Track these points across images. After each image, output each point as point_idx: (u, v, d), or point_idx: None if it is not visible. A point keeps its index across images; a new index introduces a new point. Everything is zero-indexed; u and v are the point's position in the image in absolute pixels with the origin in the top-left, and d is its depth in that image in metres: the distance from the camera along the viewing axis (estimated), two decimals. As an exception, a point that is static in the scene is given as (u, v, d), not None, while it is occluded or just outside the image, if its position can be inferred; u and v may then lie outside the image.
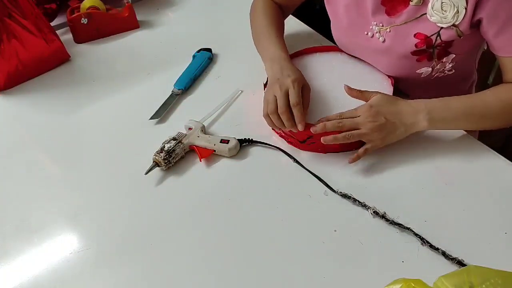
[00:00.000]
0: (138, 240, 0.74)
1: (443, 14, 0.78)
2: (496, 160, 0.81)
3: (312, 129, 0.78)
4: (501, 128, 0.82)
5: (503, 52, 0.79)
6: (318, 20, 1.09)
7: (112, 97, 1.01)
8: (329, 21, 0.99)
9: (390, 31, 0.85)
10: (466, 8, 0.75)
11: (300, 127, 0.78)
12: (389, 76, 0.91)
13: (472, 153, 0.82)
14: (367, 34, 0.89)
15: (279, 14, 1.01)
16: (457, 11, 0.76)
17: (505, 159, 0.81)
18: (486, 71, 1.32)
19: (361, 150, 0.79)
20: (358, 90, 0.82)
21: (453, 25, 0.78)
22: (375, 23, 0.87)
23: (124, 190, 0.81)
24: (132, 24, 1.20)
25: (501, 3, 0.73)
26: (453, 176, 0.78)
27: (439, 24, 0.79)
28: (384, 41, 0.87)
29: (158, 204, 0.79)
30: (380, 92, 0.81)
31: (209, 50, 1.09)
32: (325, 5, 0.95)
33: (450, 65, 0.85)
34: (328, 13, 0.95)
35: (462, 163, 0.80)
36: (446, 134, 0.85)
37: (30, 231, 0.76)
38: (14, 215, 0.79)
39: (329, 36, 1.07)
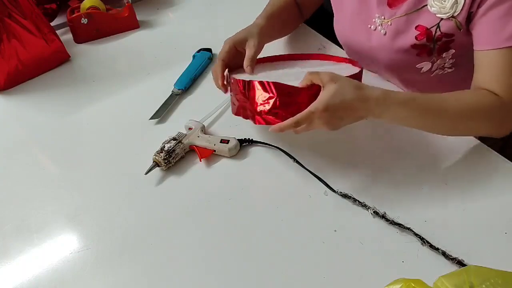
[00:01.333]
0: (138, 240, 0.74)
1: (442, 4, 0.78)
2: (496, 160, 0.81)
3: (270, 129, 0.74)
4: (457, 136, 0.79)
5: (478, 45, 0.77)
6: (318, 20, 1.09)
7: (112, 97, 1.01)
8: (329, 22, 0.99)
9: (391, 24, 0.85)
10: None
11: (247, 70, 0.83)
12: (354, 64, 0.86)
13: (472, 153, 0.82)
14: (370, 27, 0.89)
15: (291, 5, 1.01)
16: (456, 2, 0.76)
17: (505, 159, 0.81)
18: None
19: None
20: (307, 73, 0.71)
21: (452, 16, 0.78)
22: (377, 15, 0.87)
23: (124, 190, 0.81)
24: (132, 24, 1.20)
25: None
26: (453, 176, 0.78)
27: (438, 15, 0.79)
28: (385, 34, 0.87)
29: (158, 204, 0.79)
30: (332, 76, 0.70)
31: (209, 50, 1.10)
32: None
33: (450, 62, 0.85)
34: (332, 5, 0.95)
35: (462, 163, 0.80)
36: (446, 134, 0.85)
37: (30, 231, 0.76)
38: (14, 215, 0.79)
39: (329, 36, 1.08)
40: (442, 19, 0.79)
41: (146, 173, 0.81)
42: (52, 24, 1.15)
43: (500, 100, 0.74)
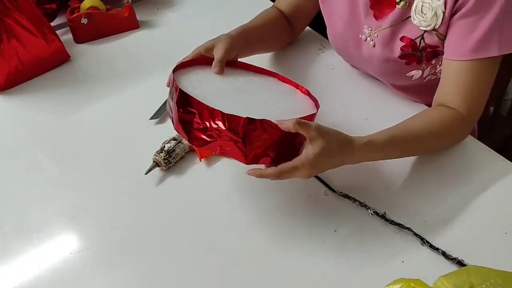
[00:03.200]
0: (138, 240, 0.74)
1: (423, 17, 0.78)
2: (496, 160, 0.81)
3: (247, 172, 0.70)
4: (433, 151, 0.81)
5: (446, 54, 0.78)
6: (318, 21, 1.09)
7: (112, 97, 1.01)
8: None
9: (377, 35, 0.85)
10: (444, 12, 0.75)
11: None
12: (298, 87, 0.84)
13: (472, 153, 0.82)
14: (361, 37, 0.89)
15: (276, 19, 0.99)
16: (436, 14, 0.76)
17: (505, 159, 0.81)
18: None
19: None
20: (293, 121, 0.64)
21: (433, 29, 0.78)
22: (366, 27, 0.87)
23: (124, 190, 0.81)
24: (132, 24, 1.20)
25: (476, 6, 0.72)
26: (453, 176, 0.78)
27: (421, 28, 0.79)
28: (374, 45, 0.87)
29: (158, 204, 0.79)
30: (319, 130, 0.66)
31: (209, 50, 1.09)
32: (320, 7, 0.95)
33: (440, 68, 0.85)
34: (324, 16, 0.95)
35: (462, 163, 0.80)
36: (446, 134, 0.85)
37: (30, 231, 0.76)
38: (14, 215, 0.79)
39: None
40: (425, 31, 0.79)
41: (146, 173, 0.81)
42: (52, 24, 1.15)
43: (460, 116, 0.77)
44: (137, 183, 0.82)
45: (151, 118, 0.93)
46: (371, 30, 0.86)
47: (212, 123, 0.65)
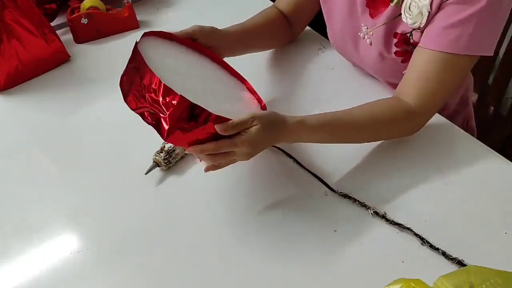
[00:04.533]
0: (138, 240, 0.74)
1: (409, 14, 0.78)
2: (496, 160, 0.81)
3: (186, 150, 0.69)
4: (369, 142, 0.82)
5: (421, 41, 0.78)
6: (319, 21, 1.09)
7: (112, 97, 1.00)
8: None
9: (373, 34, 0.86)
10: (429, 12, 0.75)
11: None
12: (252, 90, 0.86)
13: (472, 153, 0.82)
14: (359, 34, 0.89)
15: (275, 19, 0.99)
16: (421, 13, 0.76)
17: (505, 159, 0.81)
18: (486, 72, 1.32)
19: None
20: (230, 122, 0.67)
21: (418, 27, 0.78)
22: (363, 25, 0.87)
23: (124, 190, 0.81)
24: (132, 24, 1.20)
25: (456, 7, 0.73)
26: (453, 176, 0.78)
27: (408, 25, 0.80)
28: (371, 43, 0.87)
29: (158, 204, 0.79)
30: (255, 117, 0.68)
31: (209, 50, 1.09)
32: (321, 5, 0.95)
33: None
34: (324, 14, 0.95)
35: (462, 163, 0.80)
36: (446, 134, 0.85)
37: (30, 231, 0.76)
38: (14, 215, 0.79)
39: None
40: (414, 29, 0.80)
41: (146, 173, 0.81)
42: (52, 24, 1.15)
43: (407, 109, 0.77)
44: (137, 183, 0.82)
45: (151, 118, 0.93)
46: (367, 29, 0.87)
47: (147, 88, 0.65)
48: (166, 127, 0.64)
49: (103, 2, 1.17)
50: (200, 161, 0.83)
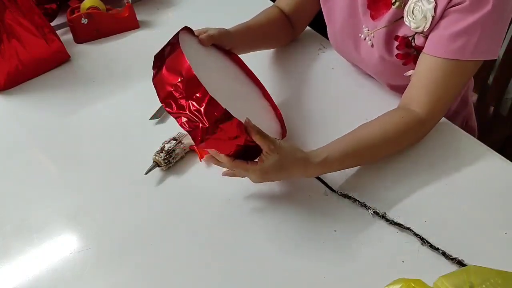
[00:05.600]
0: (138, 240, 0.74)
1: (413, 19, 0.78)
2: (496, 160, 0.81)
3: (205, 158, 0.74)
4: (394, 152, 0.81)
5: (426, 48, 0.78)
6: (319, 21, 1.09)
7: (112, 97, 1.01)
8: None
9: (374, 36, 0.86)
10: (433, 16, 0.76)
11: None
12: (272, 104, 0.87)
13: (472, 153, 0.82)
14: (360, 36, 0.89)
15: (277, 19, 1.00)
16: (425, 18, 0.76)
17: (505, 159, 0.81)
18: (486, 72, 1.32)
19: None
20: (256, 131, 0.67)
21: (422, 31, 0.78)
22: (364, 26, 0.87)
23: (124, 190, 0.81)
24: (132, 24, 1.20)
25: (464, 8, 0.73)
26: (453, 176, 0.78)
27: (411, 29, 0.80)
28: (372, 45, 0.87)
29: (158, 204, 0.79)
30: (275, 148, 0.69)
31: (209, 50, 1.09)
32: (321, 5, 0.95)
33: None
34: (324, 16, 0.95)
35: (462, 163, 0.80)
36: (446, 134, 0.85)
37: (30, 231, 0.76)
38: (14, 215, 0.79)
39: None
40: (416, 32, 0.80)
41: (146, 173, 0.81)
42: (52, 24, 1.15)
43: (417, 118, 0.78)
44: (137, 183, 0.82)
45: (151, 118, 0.93)
46: (368, 30, 0.87)
47: (192, 95, 0.64)
48: (204, 136, 0.66)
49: (103, 2, 1.17)
50: (200, 160, 0.84)
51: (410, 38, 0.81)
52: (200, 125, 0.65)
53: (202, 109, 0.64)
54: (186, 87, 0.65)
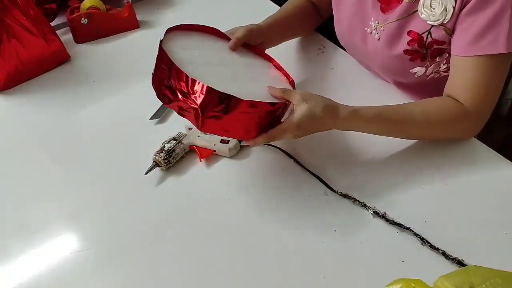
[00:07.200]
0: (138, 240, 0.74)
1: (431, 11, 0.78)
2: (496, 160, 0.81)
3: (243, 143, 0.76)
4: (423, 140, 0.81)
5: (455, 50, 0.78)
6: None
7: (112, 97, 1.01)
8: (329, 22, 0.99)
9: (383, 29, 0.85)
10: (454, 7, 0.75)
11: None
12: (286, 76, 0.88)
13: (472, 153, 0.82)
14: (366, 29, 0.89)
15: (305, 7, 1.01)
16: (445, 9, 0.76)
17: (505, 159, 0.81)
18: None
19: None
20: (281, 89, 0.74)
21: (442, 23, 0.78)
22: (372, 19, 0.87)
23: (124, 190, 0.81)
24: (132, 24, 1.20)
25: (482, 1, 0.72)
26: (453, 176, 0.78)
27: (428, 22, 0.79)
28: (379, 38, 0.87)
29: (158, 204, 0.79)
30: (303, 95, 0.72)
31: (209, 50, 1.09)
32: None
33: (445, 66, 0.85)
34: (333, 5, 0.95)
35: (462, 163, 0.80)
36: (446, 134, 0.85)
37: (30, 231, 0.76)
38: (14, 215, 0.79)
39: (329, 37, 1.08)
40: (432, 25, 0.79)
41: (146, 173, 0.81)
42: (52, 24, 1.15)
43: (463, 110, 0.77)
44: (137, 183, 0.82)
45: (151, 118, 0.93)
46: (378, 23, 0.86)
47: (177, 83, 0.69)
48: (199, 118, 0.68)
49: (103, 2, 1.17)
50: (200, 160, 0.84)
51: (425, 34, 0.80)
52: (192, 105, 0.68)
53: (189, 90, 0.68)
54: (171, 76, 0.70)
